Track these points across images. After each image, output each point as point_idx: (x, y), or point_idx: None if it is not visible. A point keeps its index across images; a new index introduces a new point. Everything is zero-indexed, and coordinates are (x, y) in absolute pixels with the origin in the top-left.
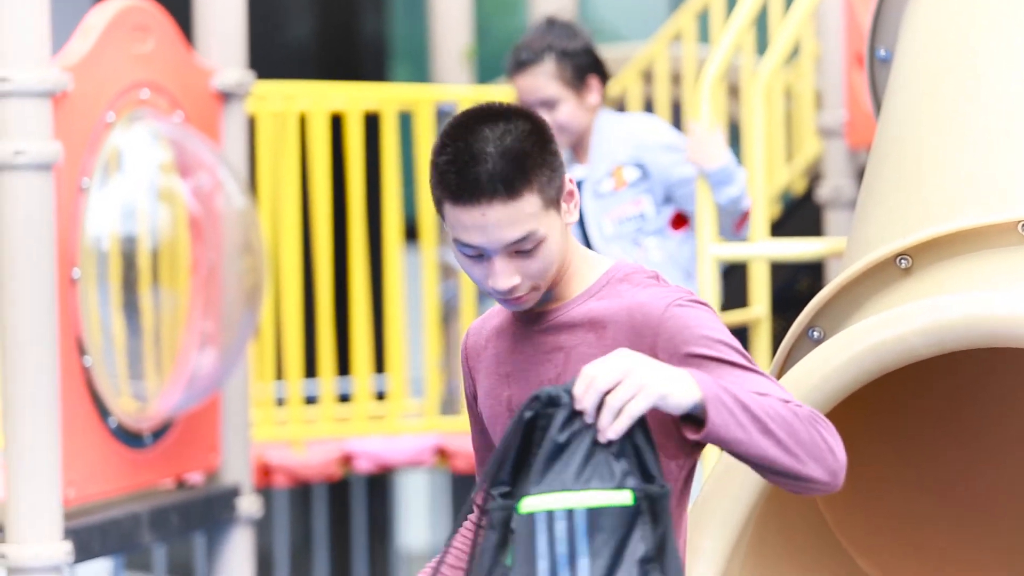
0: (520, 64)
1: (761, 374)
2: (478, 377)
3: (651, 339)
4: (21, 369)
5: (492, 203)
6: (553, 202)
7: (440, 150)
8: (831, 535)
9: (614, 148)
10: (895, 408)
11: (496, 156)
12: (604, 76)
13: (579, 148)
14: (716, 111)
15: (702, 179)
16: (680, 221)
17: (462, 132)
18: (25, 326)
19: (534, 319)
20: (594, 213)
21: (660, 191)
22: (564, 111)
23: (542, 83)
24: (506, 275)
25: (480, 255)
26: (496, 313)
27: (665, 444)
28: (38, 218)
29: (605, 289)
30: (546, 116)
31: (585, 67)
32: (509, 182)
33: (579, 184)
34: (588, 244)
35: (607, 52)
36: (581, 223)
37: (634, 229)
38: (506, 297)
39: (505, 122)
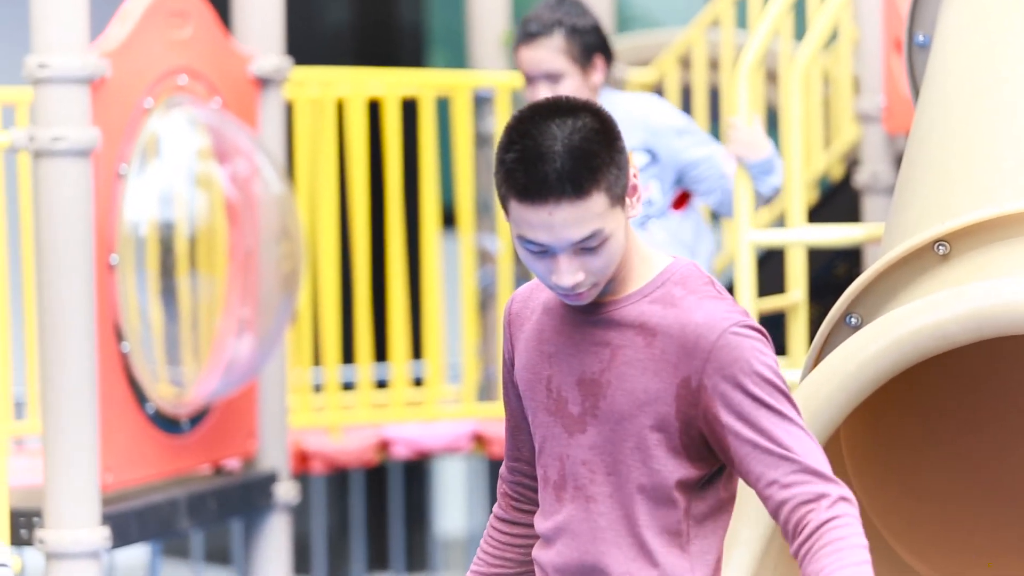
0: (529, 35)
1: (797, 424)
2: (518, 346)
3: (700, 363)
4: (59, 355)
5: (560, 203)
6: (619, 199)
7: (507, 147)
8: (869, 520)
9: (623, 131)
10: (931, 393)
11: (564, 154)
12: (610, 56)
13: None
14: (754, 97)
15: (742, 168)
16: (681, 200)
17: (529, 129)
18: (63, 312)
19: (586, 308)
20: None
21: (671, 175)
22: (568, 86)
23: (550, 56)
24: (570, 272)
25: (544, 251)
26: (544, 288)
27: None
28: (76, 204)
29: (660, 290)
30: (548, 90)
31: (593, 45)
32: (577, 182)
33: None
34: None
35: (644, 38)
36: None
37: (641, 214)
38: (568, 293)
39: (573, 118)
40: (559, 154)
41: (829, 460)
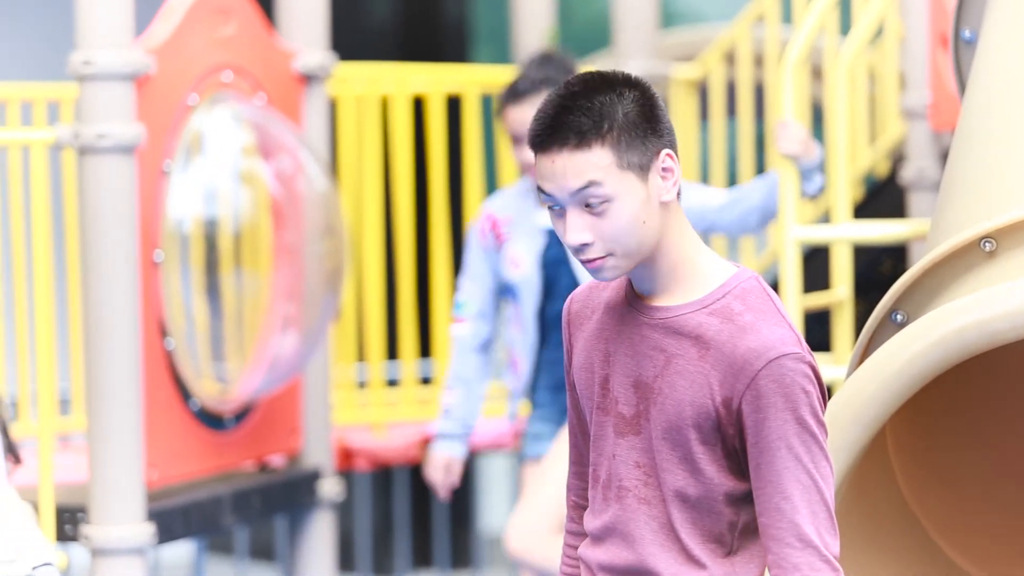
0: (517, 94)
1: (811, 473)
2: (576, 345)
3: (742, 387)
4: (104, 352)
5: (561, 151)
6: (634, 166)
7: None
8: (914, 518)
9: None
10: (977, 391)
11: (577, 107)
12: None
13: None
14: (799, 93)
15: (789, 166)
16: None
17: (564, 86)
18: (108, 309)
19: (645, 310)
20: None
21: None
22: None
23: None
24: (575, 229)
25: (560, 210)
26: (606, 288)
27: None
28: (121, 201)
29: (720, 303)
30: None
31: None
32: (581, 132)
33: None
34: (574, 283)
35: (689, 34)
36: (568, 264)
37: None
38: (582, 258)
39: (610, 86)
40: (575, 108)
41: (875, 458)
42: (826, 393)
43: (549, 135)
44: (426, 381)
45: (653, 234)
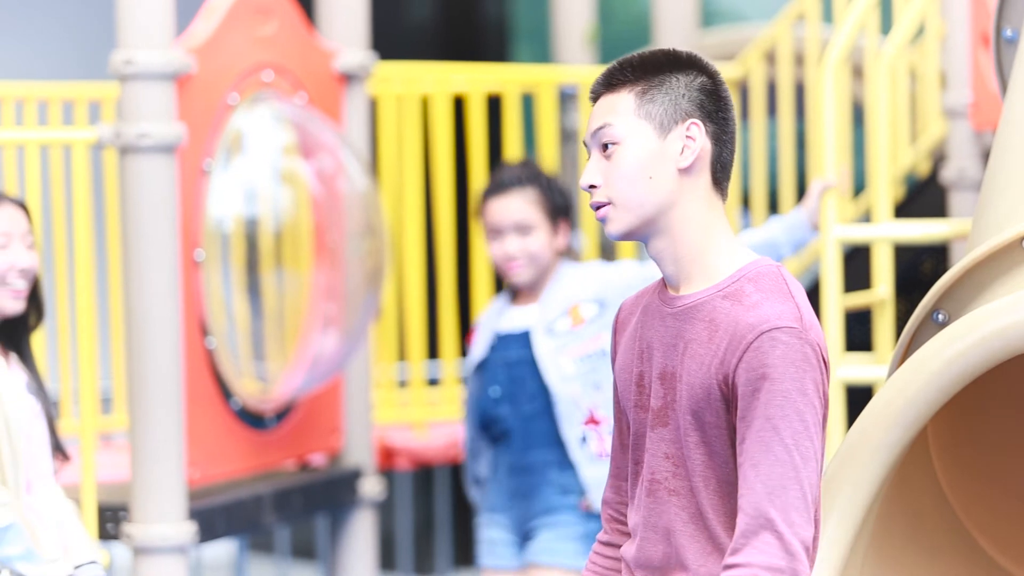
0: (501, 186)
1: (790, 450)
2: (618, 349)
3: (735, 359)
4: (145, 351)
5: (600, 96)
6: (653, 119)
7: None
8: (956, 517)
9: (573, 290)
10: (1017, 390)
11: (628, 64)
12: (573, 223)
13: (527, 291)
14: (839, 92)
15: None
16: None
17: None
18: (149, 308)
19: (669, 301)
20: (550, 353)
21: None
22: (538, 240)
23: (522, 207)
24: (587, 171)
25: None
26: (649, 291)
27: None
28: (161, 200)
29: (734, 286)
30: (517, 243)
31: (561, 207)
32: (614, 78)
33: (525, 333)
34: (544, 388)
35: (730, 33)
36: (535, 366)
37: (595, 367)
38: (591, 204)
39: (678, 64)
40: (626, 62)
41: (916, 457)
42: (826, 376)
43: (598, 81)
44: (466, 381)
45: (660, 195)
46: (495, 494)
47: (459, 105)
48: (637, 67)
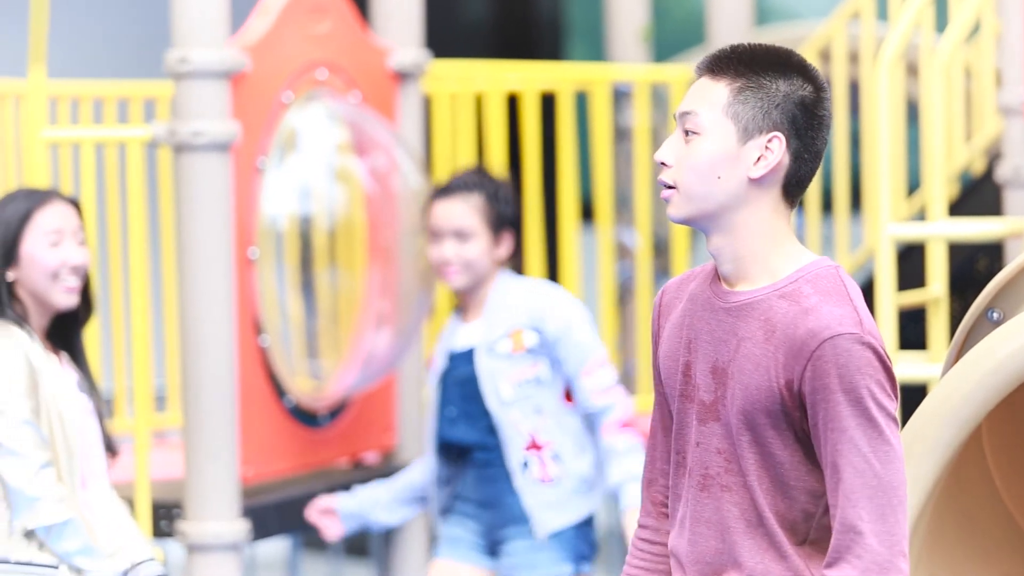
0: (448, 190)
1: (867, 456)
2: (662, 335)
3: (800, 368)
4: (199, 349)
5: (703, 77)
6: (739, 121)
7: None
8: (1011, 517)
9: (514, 311)
10: None
11: (741, 54)
12: (518, 237)
13: (471, 305)
14: (894, 90)
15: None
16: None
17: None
18: (203, 306)
19: (723, 295)
20: (490, 374)
21: (554, 355)
22: (476, 247)
23: (464, 213)
24: (666, 148)
25: None
26: (694, 276)
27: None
28: (216, 198)
29: (791, 286)
30: (454, 249)
31: (507, 219)
32: (722, 65)
33: (470, 351)
34: (484, 408)
35: (784, 31)
36: (476, 384)
37: (532, 394)
38: (659, 179)
39: (784, 68)
40: (740, 49)
41: (971, 456)
42: (891, 375)
43: (704, 59)
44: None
45: (725, 196)
46: (463, 503)
47: (513, 103)
48: (743, 61)
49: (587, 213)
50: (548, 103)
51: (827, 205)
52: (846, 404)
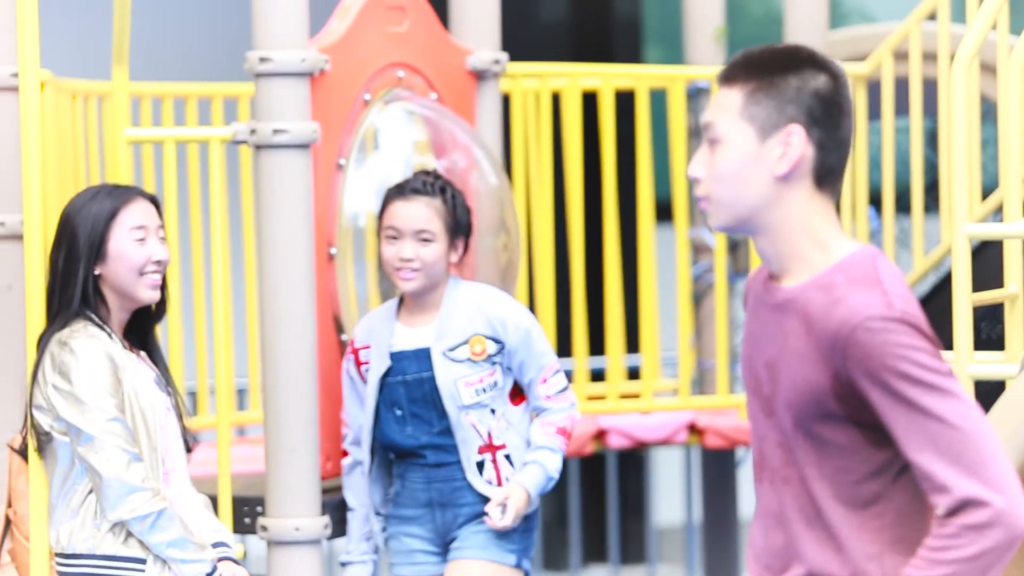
0: (411, 191)
1: (936, 416)
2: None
3: (840, 359)
4: (280, 346)
5: (721, 88)
6: (756, 122)
7: None
8: None
9: (471, 318)
10: None
11: (751, 59)
12: (467, 246)
13: (418, 307)
14: (970, 90)
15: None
16: (520, 396)
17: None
18: (284, 303)
19: (772, 292)
20: (449, 378)
21: (509, 362)
22: (435, 250)
23: (427, 215)
24: (695, 163)
25: None
26: (760, 272)
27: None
28: (296, 196)
29: (827, 278)
30: (413, 249)
31: (463, 225)
32: (734, 73)
33: (421, 351)
34: (444, 412)
35: (859, 32)
36: (426, 386)
37: (489, 398)
38: (696, 194)
39: (795, 63)
40: (752, 55)
41: None
42: (933, 343)
43: (719, 72)
44: (597, 377)
45: (754, 199)
46: (402, 507)
47: (590, 102)
48: (753, 65)
49: (663, 212)
50: (624, 103)
51: (903, 205)
52: (897, 382)
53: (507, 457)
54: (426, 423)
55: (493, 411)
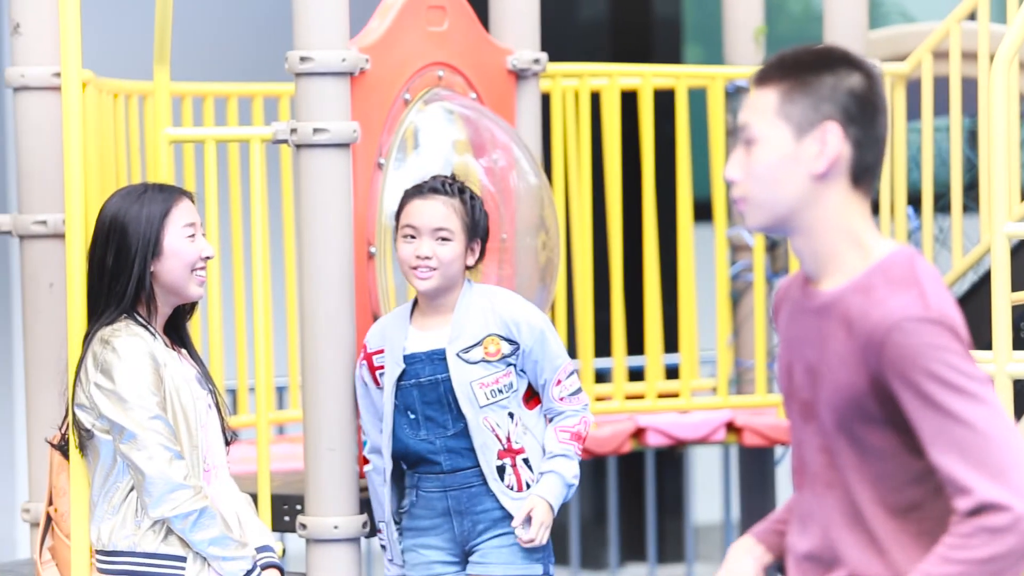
0: (430, 190)
1: (966, 422)
2: (780, 335)
3: (876, 362)
4: (319, 344)
5: (755, 89)
6: (792, 121)
7: None
8: None
9: (486, 319)
10: None
11: (785, 60)
12: (484, 250)
13: (431, 309)
14: (1010, 89)
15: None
16: (534, 399)
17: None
18: (323, 301)
19: (810, 295)
20: (465, 379)
21: (523, 364)
22: (452, 250)
23: (445, 213)
24: (731, 165)
25: None
26: (797, 276)
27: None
28: (336, 195)
29: (866, 280)
30: (431, 248)
31: (481, 228)
32: (768, 73)
33: (435, 353)
34: (458, 414)
35: (899, 31)
36: (442, 388)
37: (505, 400)
38: (732, 195)
39: (829, 62)
40: (785, 56)
41: None
42: (964, 343)
43: (753, 73)
44: (635, 376)
45: (791, 198)
46: (424, 517)
47: (630, 102)
48: (787, 65)
49: (702, 211)
50: (664, 102)
51: (942, 205)
52: (928, 383)
53: (525, 461)
54: (440, 426)
55: (511, 415)
